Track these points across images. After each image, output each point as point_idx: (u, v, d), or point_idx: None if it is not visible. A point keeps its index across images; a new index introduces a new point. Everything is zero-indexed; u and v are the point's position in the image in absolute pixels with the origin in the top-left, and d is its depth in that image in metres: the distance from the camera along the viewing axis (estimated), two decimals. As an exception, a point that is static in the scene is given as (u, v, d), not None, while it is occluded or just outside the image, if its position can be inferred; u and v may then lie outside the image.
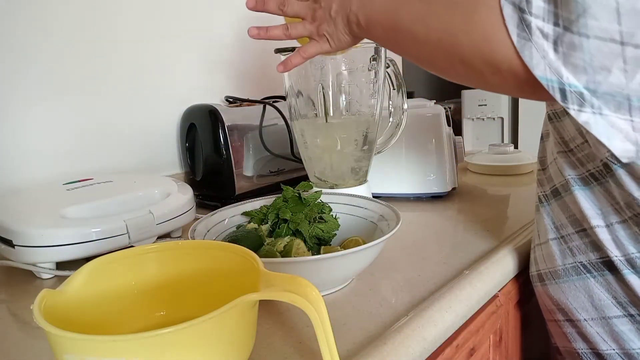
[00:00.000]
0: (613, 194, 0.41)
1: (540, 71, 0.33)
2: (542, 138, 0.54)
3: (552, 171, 0.49)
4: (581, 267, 0.45)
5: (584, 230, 0.45)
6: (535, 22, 0.33)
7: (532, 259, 0.54)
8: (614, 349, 0.44)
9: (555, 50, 0.33)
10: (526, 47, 0.33)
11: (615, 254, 0.42)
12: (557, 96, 0.33)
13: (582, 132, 0.44)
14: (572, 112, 0.34)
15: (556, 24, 0.33)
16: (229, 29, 1.01)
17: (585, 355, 0.48)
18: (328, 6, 0.50)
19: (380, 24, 0.46)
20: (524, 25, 0.33)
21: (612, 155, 0.38)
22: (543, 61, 0.33)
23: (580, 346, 0.48)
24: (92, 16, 0.79)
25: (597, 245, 0.43)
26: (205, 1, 0.96)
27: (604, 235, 0.42)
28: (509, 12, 0.34)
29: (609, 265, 0.43)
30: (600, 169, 0.42)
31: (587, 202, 0.44)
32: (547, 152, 0.51)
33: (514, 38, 0.34)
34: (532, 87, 0.35)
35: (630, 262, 0.41)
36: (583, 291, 0.45)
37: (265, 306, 0.43)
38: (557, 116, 0.48)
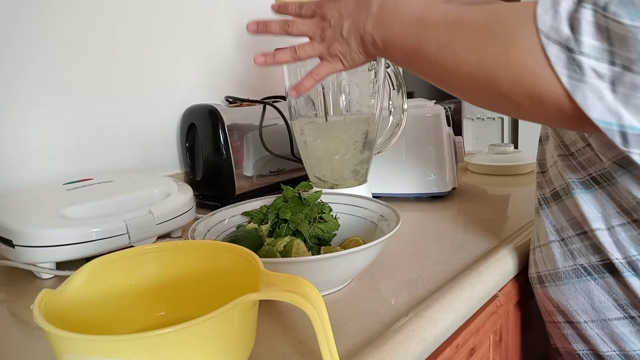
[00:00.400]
0: (615, 197, 0.41)
1: (597, 114, 0.31)
2: (540, 140, 0.53)
3: (552, 174, 0.49)
4: (581, 270, 0.45)
5: (585, 233, 0.44)
6: (587, 62, 0.31)
7: (532, 260, 0.54)
8: (614, 351, 0.44)
9: (614, 91, 0.31)
10: (579, 88, 0.31)
11: (616, 256, 0.42)
12: (617, 140, 0.31)
13: (584, 136, 0.43)
14: (634, 157, 0.32)
15: (613, 63, 0.30)
16: (229, 29, 1.01)
17: (585, 356, 0.48)
18: (338, 25, 0.48)
19: (399, 47, 0.43)
20: (575, 65, 0.31)
21: (620, 159, 0.38)
22: (600, 103, 0.31)
23: (580, 347, 0.48)
24: (92, 16, 0.79)
25: (597, 248, 0.43)
26: (206, 1, 0.96)
27: (604, 238, 0.42)
28: (554, 52, 0.31)
29: (610, 268, 0.43)
30: (602, 173, 0.42)
31: (587, 205, 0.43)
32: (547, 155, 0.51)
33: (564, 79, 0.31)
34: (579, 122, 0.33)
35: (631, 265, 0.41)
36: (583, 293, 0.45)
37: (265, 306, 0.43)
38: None
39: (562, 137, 0.46)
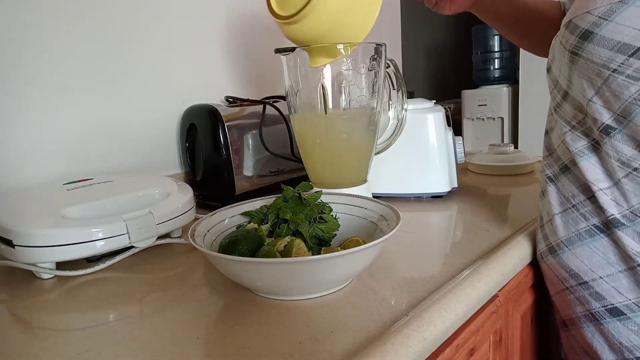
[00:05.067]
0: (613, 154, 0.46)
1: None
2: (546, 132, 0.57)
3: (559, 152, 0.53)
4: (595, 229, 0.49)
5: (595, 194, 0.49)
6: None
7: (539, 238, 0.57)
8: (630, 300, 0.48)
9: None
10: None
11: (619, 210, 0.47)
12: None
13: (582, 107, 0.48)
14: None
15: None
16: (229, 29, 1.01)
17: (598, 314, 0.50)
18: None
19: None
20: None
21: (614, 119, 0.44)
22: None
23: (594, 306, 0.50)
24: (93, 17, 0.79)
25: (603, 206, 0.48)
26: (206, 1, 0.96)
27: (606, 197, 0.47)
28: None
29: (617, 223, 0.47)
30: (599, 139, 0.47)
31: (594, 167, 0.48)
32: (552, 140, 0.55)
33: None
34: None
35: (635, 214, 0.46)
36: (598, 251, 0.49)
37: (265, 306, 0.43)
38: (559, 106, 0.52)
39: (565, 116, 0.51)
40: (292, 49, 0.61)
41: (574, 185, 0.51)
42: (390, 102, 0.74)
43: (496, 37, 2.28)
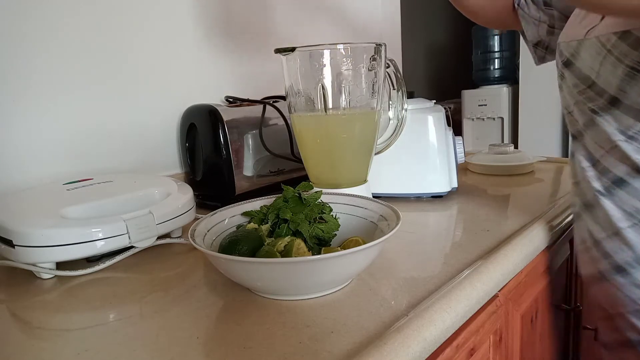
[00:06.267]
0: None
1: None
2: (575, 138, 0.55)
3: (607, 164, 0.51)
4: None
5: None
6: None
7: (597, 255, 0.54)
8: None
9: None
10: None
11: None
12: None
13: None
14: None
15: None
16: (229, 29, 1.01)
17: None
18: None
19: None
20: None
21: None
22: None
23: None
24: (92, 17, 0.79)
25: None
26: (205, 1, 0.96)
27: None
28: None
29: None
30: None
31: None
32: (590, 148, 0.53)
33: None
34: None
35: None
36: None
37: (265, 306, 0.43)
38: (604, 110, 0.50)
39: (617, 124, 0.49)
40: (292, 49, 0.61)
41: (637, 198, 0.49)
42: (390, 102, 0.74)
43: (496, 37, 2.28)
